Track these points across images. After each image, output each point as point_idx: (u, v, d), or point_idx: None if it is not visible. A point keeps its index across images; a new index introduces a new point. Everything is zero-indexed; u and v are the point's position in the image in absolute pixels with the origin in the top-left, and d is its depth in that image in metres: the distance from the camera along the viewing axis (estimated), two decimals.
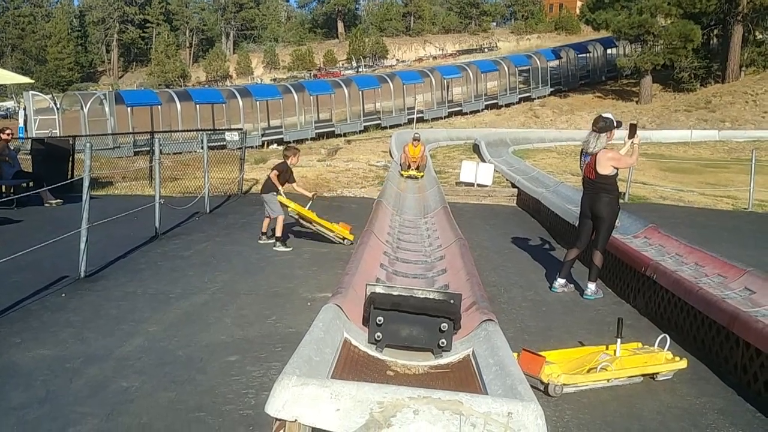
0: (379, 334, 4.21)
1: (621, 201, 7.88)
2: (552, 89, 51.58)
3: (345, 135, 37.67)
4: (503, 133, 30.52)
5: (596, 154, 7.49)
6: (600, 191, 7.50)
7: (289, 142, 36.12)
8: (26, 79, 16.24)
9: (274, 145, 34.98)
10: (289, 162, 10.40)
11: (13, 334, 5.92)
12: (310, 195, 10.61)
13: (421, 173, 17.46)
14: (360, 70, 78.39)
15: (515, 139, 29.09)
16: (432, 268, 7.00)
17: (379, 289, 4.55)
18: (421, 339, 4.20)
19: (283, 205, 9.95)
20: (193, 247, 9.81)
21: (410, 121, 38.92)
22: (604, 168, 7.42)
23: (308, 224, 10.15)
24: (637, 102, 48.11)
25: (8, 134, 13.73)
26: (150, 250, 9.51)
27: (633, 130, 7.66)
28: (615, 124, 7.60)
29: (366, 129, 39.61)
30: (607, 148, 7.49)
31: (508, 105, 48.22)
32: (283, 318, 6.55)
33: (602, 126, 7.48)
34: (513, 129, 35.51)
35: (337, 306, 4.40)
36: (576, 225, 8.45)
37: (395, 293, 4.46)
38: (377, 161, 21.26)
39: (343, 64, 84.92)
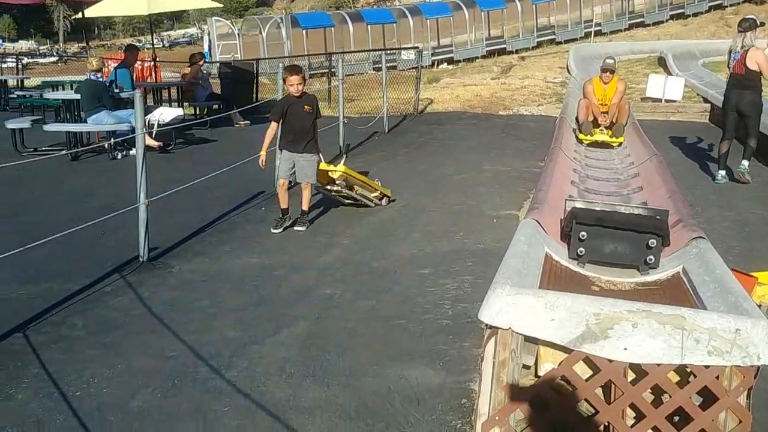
0: (581, 249, 4.14)
1: None
2: None
3: (517, 51, 36.55)
4: (691, 45, 28.24)
5: (746, 50, 8.27)
6: (746, 87, 8.31)
7: (459, 61, 35.71)
8: (216, 4, 17.00)
9: (444, 65, 34.69)
10: (290, 93, 6.78)
11: (223, 242, 6.41)
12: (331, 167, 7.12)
13: (620, 138, 9.69)
14: None
15: (705, 51, 26.85)
16: (626, 185, 6.75)
17: (579, 204, 4.45)
18: (627, 255, 4.08)
19: (323, 173, 7.03)
20: (375, 165, 10.02)
21: (587, 35, 37.06)
22: (753, 63, 8.19)
23: (348, 191, 7.35)
24: None
25: (202, 60, 14.58)
26: None
27: None
28: (758, 23, 8.55)
29: (539, 45, 38.11)
30: (755, 46, 8.34)
31: (696, 14, 44.46)
32: (470, 234, 6.60)
33: (746, 26, 8.36)
34: (702, 40, 32.84)
35: (535, 221, 4.36)
36: None
37: (598, 208, 4.34)
38: (554, 78, 20.47)
39: None
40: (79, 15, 16.46)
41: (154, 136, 10.34)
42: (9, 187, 8.46)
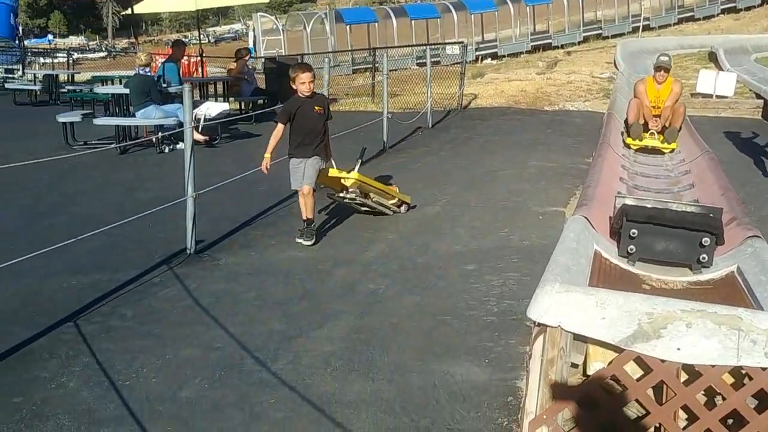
0: (632, 247, 4.07)
1: None
2: None
3: (562, 47, 36.13)
4: (744, 40, 27.55)
5: None
6: None
7: (503, 57, 35.41)
8: None
9: (489, 60, 34.44)
10: (299, 93, 6.20)
11: (268, 237, 6.45)
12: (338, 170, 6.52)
13: (672, 144, 8.90)
14: None
15: (758, 46, 26.17)
16: (677, 183, 6.61)
17: (630, 201, 4.37)
18: (679, 254, 4.00)
19: (335, 180, 6.51)
20: (419, 160, 10.02)
21: (634, 30, 36.47)
22: None
23: (363, 199, 6.77)
24: None
25: (248, 55, 14.70)
26: (379, 163, 9.85)
27: None
28: None
29: (585, 40, 37.65)
30: None
31: (748, 8, 43.36)
32: (515, 231, 6.52)
33: None
34: (755, 35, 32.01)
35: (584, 218, 4.30)
36: None
37: (649, 206, 4.26)
38: (601, 73, 20.18)
39: None
40: (129, 11, 16.73)
41: (200, 130, 10.45)
42: (60, 179, 8.65)
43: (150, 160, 10.18)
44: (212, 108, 11.45)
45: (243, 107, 14.61)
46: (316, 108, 6.19)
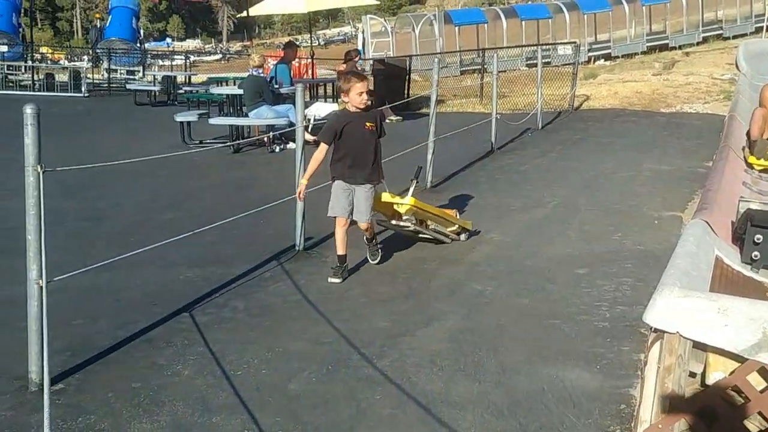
0: (756, 253, 3.84)
1: None
2: None
3: (680, 47, 34.77)
4: None
5: None
6: None
7: (617, 57, 34.38)
8: (373, 1, 17.44)
9: (601, 61, 33.55)
10: (349, 105, 5.42)
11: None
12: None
13: None
14: None
15: None
16: None
17: (755, 206, 4.14)
18: None
19: (387, 205, 5.76)
20: (528, 162, 9.87)
21: (758, 30, 34.62)
22: None
23: (418, 227, 5.95)
24: None
25: (357, 56, 14.89)
26: (487, 164, 9.77)
27: None
28: None
29: (705, 40, 36.09)
30: None
31: None
32: (628, 235, 6.33)
33: None
34: None
35: (704, 222, 4.09)
36: None
37: None
38: (721, 74, 19.27)
39: None
40: (244, 13, 17.33)
41: (310, 130, 10.67)
42: (179, 175, 9.04)
43: (261, 159, 10.48)
44: (322, 109, 11.70)
45: None
46: (368, 124, 5.39)
